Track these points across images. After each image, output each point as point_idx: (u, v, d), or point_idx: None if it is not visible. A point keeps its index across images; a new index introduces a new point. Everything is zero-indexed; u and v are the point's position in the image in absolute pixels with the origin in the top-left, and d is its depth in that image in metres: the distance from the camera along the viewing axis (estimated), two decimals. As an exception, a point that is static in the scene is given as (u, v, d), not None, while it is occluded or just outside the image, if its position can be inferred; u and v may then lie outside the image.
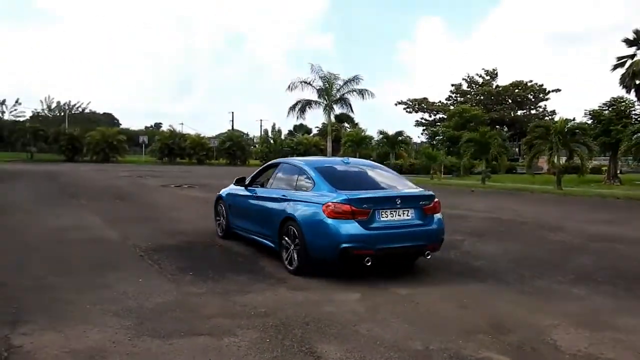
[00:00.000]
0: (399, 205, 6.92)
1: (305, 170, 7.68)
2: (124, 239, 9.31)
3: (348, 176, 7.74)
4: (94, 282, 6.27)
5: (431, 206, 7.25)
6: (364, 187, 7.34)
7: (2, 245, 8.54)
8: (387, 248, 6.76)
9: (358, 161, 9.13)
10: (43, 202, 15.12)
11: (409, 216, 6.99)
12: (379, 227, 6.72)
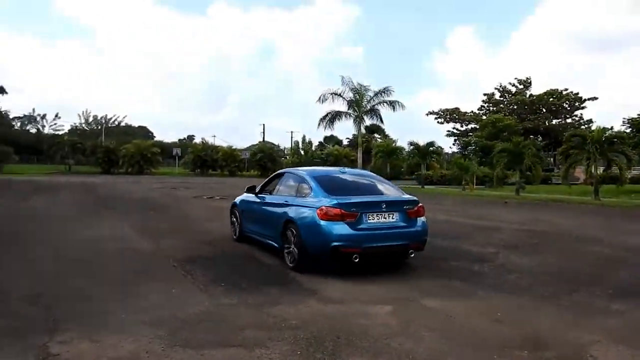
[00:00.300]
0: (385, 209, 7.77)
1: (305, 179, 8.61)
2: (158, 250, 9.46)
3: (342, 184, 8.63)
4: (128, 292, 6.38)
5: (414, 210, 8.05)
6: (355, 193, 8.18)
7: (41, 255, 8.78)
8: (373, 247, 7.54)
9: (353, 171, 10.13)
10: (80, 214, 15.50)
11: (393, 219, 7.82)
12: (366, 228, 7.54)
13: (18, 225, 12.50)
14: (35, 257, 8.58)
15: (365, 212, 7.61)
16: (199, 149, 61.40)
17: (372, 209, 7.72)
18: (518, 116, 68.04)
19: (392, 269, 8.09)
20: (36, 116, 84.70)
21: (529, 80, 72.48)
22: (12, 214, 14.88)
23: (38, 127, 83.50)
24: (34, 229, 11.90)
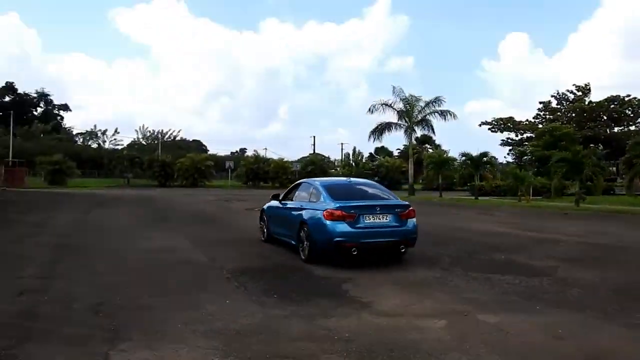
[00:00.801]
0: (379, 212, 9.36)
1: (316, 187, 10.31)
2: (212, 261, 9.67)
3: (346, 191, 10.24)
4: (184, 303, 6.54)
5: (406, 213, 9.57)
6: (356, 198, 9.68)
7: (102, 266, 9.13)
8: (368, 242, 9.14)
9: (358, 180, 12.33)
10: (138, 226, 16.04)
11: (386, 219, 9.36)
12: (363, 226, 9.12)
13: (81, 237, 13.06)
14: (97, 267, 8.93)
15: (363, 213, 9.19)
16: (251, 162, 62.49)
17: (368, 211, 9.29)
18: (576, 124, 65.60)
19: (445, 283, 7.96)
20: (97, 132, 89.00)
21: (588, 86, 69.90)
22: (76, 227, 15.56)
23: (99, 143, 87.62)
24: (95, 240, 12.40)
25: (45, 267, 8.89)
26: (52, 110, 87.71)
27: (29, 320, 5.70)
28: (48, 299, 6.61)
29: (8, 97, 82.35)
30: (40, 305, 6.34)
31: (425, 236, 13.76)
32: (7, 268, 8.69)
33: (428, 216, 21.13)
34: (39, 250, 10.68)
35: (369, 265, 9.34)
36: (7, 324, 5.55)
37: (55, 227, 15.11)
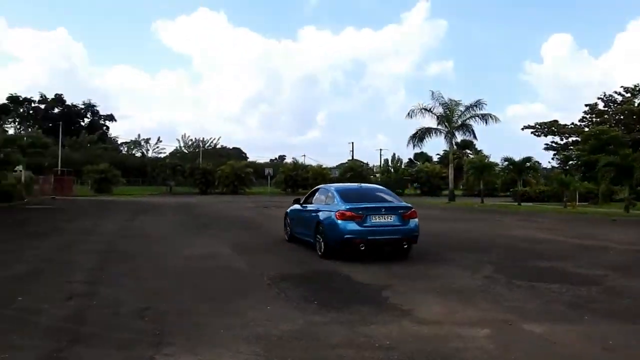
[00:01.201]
0: (384, 212, 10.71)
1: (331, 191, 11.79)
2: (252, 267, 9.77)
3: (357, 194, 11.66)
4: (226, 308, 6.63)
5: (408, 214, 10.79)
6: (364, 201, 11.04)
7: (146, 272, 9.36)
8: (374, 239, 10.43)
9: (368, 185, 14.89)
10: (180, 232, 16.37)
11: (390, 219, 10.64)
12: (370, 225, 10.42)
13: (126, 243, 13.42)
14: (142, 273, 9.17)
15: (369, 214, 10.50)
16: (289, 169, 62.93)
17: (374, 212, 10.62)
18: (625, 127, 63.26)
19: (487, 290, 7.81)
20: (141, 141, 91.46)
21: (638, 87, 67.42)
22: (121, 233, 16.00)
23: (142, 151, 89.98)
24: (140, 247, 12.72)
25: (93, 272, 9.16)
26: (98, 121, 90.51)
27: (77, 324, 5.88)
28: (96, 304, 6.81)
29: (57, 109, 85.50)
30: (89, 309, 6.55)
31: (466, 243, 13.59)
32: (57, 273, 9.02)
33: (469, 222, 20.82)
34: (87, 256, 11.02)
35: (408, 272, 9.28)
36: (57, 327, 5.75)
37: (101, 234, 15.57)
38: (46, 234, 15.41)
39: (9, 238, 14.08)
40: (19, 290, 7.58)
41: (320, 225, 11.10)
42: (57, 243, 13.25)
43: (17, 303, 6.79)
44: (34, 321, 5.97)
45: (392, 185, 59.64)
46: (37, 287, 7.87)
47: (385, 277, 8.71)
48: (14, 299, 6.95)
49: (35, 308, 6.52)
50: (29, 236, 14.67)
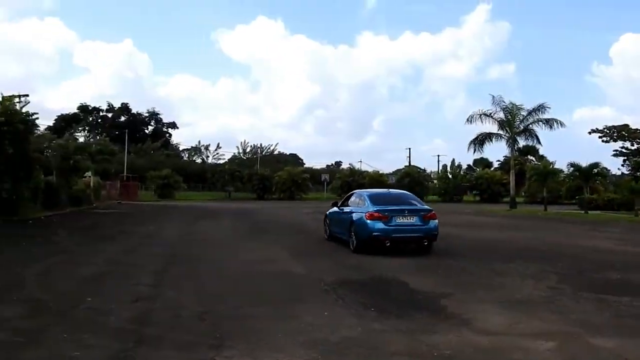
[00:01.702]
0: (407, 214, 12.42)
1: (363, 196, 13.66)
2: (309, 273, 9.83)
3: (385, 198, 13.41)
4: (284, 313, 6.70)
5: (428, 215, 12.40)
6: (391, 204, 12.69)
7: (206, 276, 9.60)
8: (398, 236, 12.09)
9: (396, 191, 16.19)
10: (239, 237, 16.70)
11: (413, 220, 12.31)
12: (394, 225, 12.07)
13: (187, 247, 13.82)
14: (202, 277, 9.41)
15: (394, 215, 12.19)
16: (346, 175, 62.94)
17: (398, 213, 12.33)
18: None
19: (552, 302, 7.52)
20: (201, 147, 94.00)
21: None
22: (182, 238, 16.49)
23: (203, 158, 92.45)
24: (200, 251, 13.06)
25: (156, 275, 9.48)
26: (161, 128, 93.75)
27: (142, 325, 6.10)
28: (159, 306, 7.04)
29: (123, 117, 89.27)
30: (153, 311, 6.78)
31: (529, 252, 13.16)
32: (124, 276, 9.38)
33: (531, 231, 20.13)
34: (151, 259, 11.43)
35: (468, 281, 9.08)
36: (124, 328, 5.98)
37: (164, 238, 16.11)
38: (113, 237, 16.09)
39: (81, 241, 14.80)
40: (88, 291, 7.94)
41: (353, 224, 12.75)
42: (124, 246, 13.82)
43: (86, 303, 7.12)
44: (102, 321, 6.22)
45: (450, 192, 58.83)
46: (105, 289, 8.22)
47: (444, 286, 8.56)
48: (84, 299, 7.29)
49: (103, 309, 6.81)
50: (98, 239, 15.37)
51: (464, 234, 17.77)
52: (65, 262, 10.88)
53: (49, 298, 7.38)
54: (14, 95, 21.97)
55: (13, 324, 6.01)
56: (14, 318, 6.26)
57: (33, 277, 8.91)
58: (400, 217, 12.28)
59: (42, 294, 7.69)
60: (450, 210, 34.49)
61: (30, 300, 7.29)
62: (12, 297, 7.36)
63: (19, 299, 7.32)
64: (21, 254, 11.79)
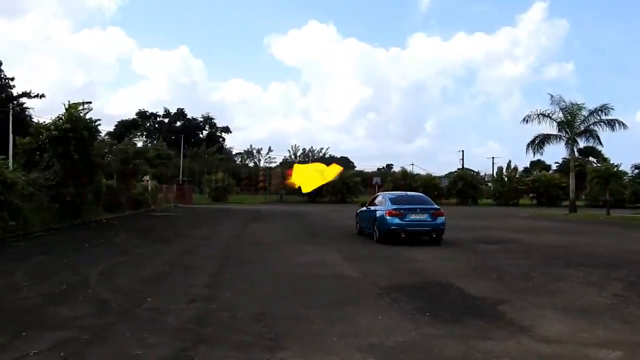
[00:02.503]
0: (419, 212, 15.27)
1: (385, 197, 16.84)
2: (363, 276, 9.81)
3: (402, 199, 16.42)
4: (338, 316, 6.72)
5: (437, 213, 15.30)
6: (407, 204, 15.69)
7: (260, 277, 9.74)
8: (411, 230, 14.95)
9: (412, 193, 20.40)
10: (292, 239, 16.86)
11: (424, 216, 15.21)
12: (408, 220, 14.97)
13: (241, 249, 14.07)
14: (256, 278, 9.56)
15: (408, 212, 15.18)
16: (398, 178, 62.33)
17: (412, 211, 15.28)
18: None
19: (617, 309, 7.20)
20: (253, 151, 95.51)
21: None
22: (236, 240, 16.80)
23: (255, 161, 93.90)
24: (254, 253, 13.27)
25: (212, 277, 9.72)
26: (215, 133, 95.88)
27: (200, 325, 6.26)
28: (216, 307, 7.19)
29: (179, 122, 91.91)
30: (210, 312, 6.94)
31: (591, 258, 12.65)
32: (181, 277, 9.65)
33: (593, 236, 19.34)
34: (206, 261, 11.71)
35: (527, 287, 8.83)
36: (182, 327, 6.16)
37: (218, 240, 16.46)
38: (170, 239, 16.59)
39: (140, 243, 15.33)
40: (148, 291, 8.24)
41: (376, 220, 15.91)
42: (180, 248, 14.22)
43: (146, 303, 7.37)
44: (162, 321, 6.44)
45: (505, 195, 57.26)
46: (163, 289, 8.49)
47: (501, 292, 8.36)
48: (144, 299, 7.56)
49: (162, 309, 7.03)
50: (156, 241, 15.88)
51: (521, 238, 17.29)
52: (126, 263, 11.31)
53: (111, 298, 7.68)
54: (78, 102, 22.94)
55: (80, 322, 6.30)
56: (81, 316, 6.56)
57: (96, 277, 9.31)
58: (413, 214, 15.31)
59: (105, 293, 8.01)
60: (506, 214, 33.65)
61: (94, 299, 7.62)
62: (78, 297, 7.72)
63: (84, 298, 7.67)
64: (85, 255, 12.34)
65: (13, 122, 42.83)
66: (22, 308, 6.99)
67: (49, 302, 7.36)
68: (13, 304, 7.23)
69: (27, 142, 22.03)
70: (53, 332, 5.85)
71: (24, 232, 16.28)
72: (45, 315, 6.65)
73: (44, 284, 8.70)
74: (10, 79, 52.19)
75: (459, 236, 17.76)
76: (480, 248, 14.58)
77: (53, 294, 7.92)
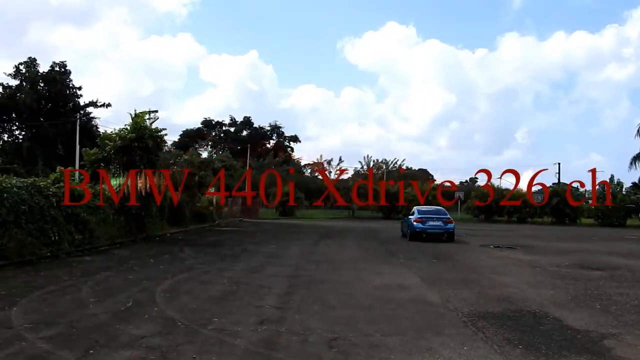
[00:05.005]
0: (435, 219, 25.02)
1: (415, 210, 27.07)
2: (445, 302, 9.65)
3: (426, 211, 26.64)
4: (418, 345, 6.66)
5: (448, 220, 25.06)
6: (428, 214, 25.81)
7: (333, 300, 9.79)
8: (429, 232, 24.37)
9: (435, 207, 29.40)
10: (365, 259, 16.85)
11: (438, 223, 24.80)
12: (428, 225, 24.65)
13: (311, 269, 14.21)
14: (328, 301, 9.62)
15: (427, 220, 24.79)
16: (485, 194, 60.74)
17: (430, 219, 24.89)
18: None
19: None
20: (323, 162, 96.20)
21: None
22: (305, 258, 16.98)
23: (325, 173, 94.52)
24: (325, 273, 13.37)
25: (281, 297, 9.89)
26: (283, 142, 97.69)
27: (269, 349, 6.40)
28: (285, 330, 7.32)
29: (245, 132, 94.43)
30: (280, 335, 7.07)
31: None
32: (249, 296, 9.90)
33: None
34: (274, 280, 11.93)
35: (637, 319, 8.36)
36: (252, 351, 6.32)
37: (288, 258, 16.71)
38: (237, 256, 17.02)
39: (206, 260, 15.83)
40: (214, 310, 8.52)
41: (409, 225, 25.48)
42: (248, 265, 14.56)
43: (213, 324, 7.62)
44: (230, 343, 6.63)
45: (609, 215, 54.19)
46: (230, 309, 8.72)
47: (607, 324, 7.97)
48: (210, 320, 7.82)
49: (230, 330, 7.25)
50: (223, 258, 16.34)
51: (629, 264, 16.38)
52: (192, 280, 11.72)
53: (177, 317, 7.99)
54: (144, 111, 24.10)
55: (146, 341, 6.61)
56: (147, 335, 6.88)
57: (162, 295, 9.73)
58: (431, 221, 24.72)
59: (171, 312, 8.36)
60: (612, 236, 31.94)
61: (160, 318, 7.96)
62: (145, 315, 8.09)
63: (150, 316, 8.03)
64: (150, 271, 12.92)
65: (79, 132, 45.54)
66: (90, 325, 7.42)
67: (115, 319, 7.76)
68: (81, 320, 7.68)
69: (93, 153, 23.33)
70: (120, 351, 6.18)
71: (90, 246, 17.28)
72: (112, 333, 7.01)
73: (110, 300, 9.19)
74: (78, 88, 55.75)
75: (554, 260, 17.09)
76: (581, 274, 13.92)
77: (119, 311, 8.35)
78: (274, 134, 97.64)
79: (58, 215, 15.89)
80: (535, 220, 55.61)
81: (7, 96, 53.01)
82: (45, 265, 13.56)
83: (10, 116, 55.01)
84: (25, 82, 53.47)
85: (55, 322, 7.54)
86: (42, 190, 15.70)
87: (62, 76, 54.56)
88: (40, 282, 10.90)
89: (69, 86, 55.40)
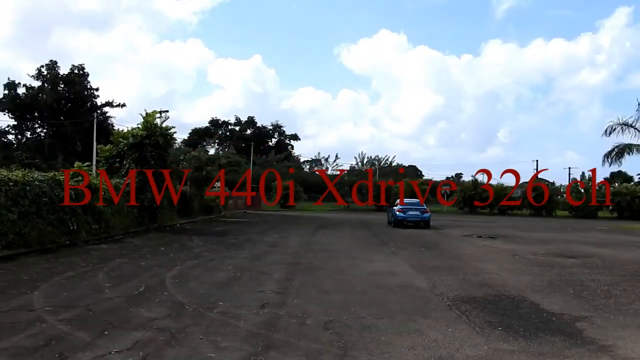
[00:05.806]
0: (413, 210, 28.85)
1: (397, 202, 31.79)
2: (432, 287, 9.66)
3: (407, 203, 30.28)
4: (406, 327, 6.66)
5: (424, 210, 28.74)
6: (409, 205, 29.76)
7: (329, 285, 9.79)
8: (409, 220, 28.30)
9: (413, 200, 33.54)
10: (358, 248, 16.86)
11: (416, 212, 28.54)
12: (408, 215, 28.44)
13: (309, 257, 14.21)
14: (325, 286, 9.62)
15: (407, 210, 28.65)
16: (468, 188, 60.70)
17: (410, 209, 28.78)
18: None
19: None
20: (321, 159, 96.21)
21: None
22: (304, 247, 16.98)
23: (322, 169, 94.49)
24: (321, 260, 13.36)
25: (281, 283, 9.88)
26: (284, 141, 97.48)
27: (270, 331, 6.39)
28: (285, 313, 7.32)
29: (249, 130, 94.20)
30: (280, 318, 7.06)
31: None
32: (252, 282, 9.89)
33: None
34: (275, 267, 11.93)
35: (607, 304, 8.38)
36: (253, 332, 6.31)
37: (286, 247, 16.71)
38: (241, 245, 17.00)
39: (212, 248, 15.82)
40: (220, 295, 8.51)
41: (393, 215, 28.93)
42: (250, 253, 14.55)
43: (218, 307, 7.61)
44: (234, 325, 6.62)
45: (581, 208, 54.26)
46: (234, 294, 8.72)
47: (580, 308, 7.99)
48: (216, 303, 7.81)
49: (234, 313, 7.24)
50: (228, 247, 16.32)
51: (601, 253, 16.41)
52: (199, 267, 11.70)
53: (186, 301, 7.98)
54: (155, 111, 24.13)
55: (157, 323, 6.60)
56: (158, 318, 6.87)
57: (172, 280, 9.72)
58: (410, 211, 28.26)
59: (180, 296, 8.35)
60: (585, 227, 32.02)
61: (170, 301, 7.95)
62: (155, 299, 8.07)
63: (160, 300, 8.01)
64: (161, 259, 12.90)
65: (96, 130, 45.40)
66: (105, 308, 7.41)
67: (128, 303, 7.75)
68: (97, 304, 7.66)
69: (107, 149, 23.28)
70: (132, 332, 6.17)
71: (106, 235, 17.25)
72: (125, 315, 7.00)
73: (123, 285, 9.18)
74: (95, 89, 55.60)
75: (532, 249, 17.12)
76: (556, 262, 13.95)
77: (132, 295, 8.34)
78: (275, 133, 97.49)
79: (76, 207, 15.87)
80: (514, 212, 55.63)
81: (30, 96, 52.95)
82: (64, 252, 13.54)
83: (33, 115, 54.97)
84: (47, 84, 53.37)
85: (73, 305, 7.53)
86: (62, 183, 15.64)
87: (80, 78, 54.48)
88: (60, 269, 10.88)
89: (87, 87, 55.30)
